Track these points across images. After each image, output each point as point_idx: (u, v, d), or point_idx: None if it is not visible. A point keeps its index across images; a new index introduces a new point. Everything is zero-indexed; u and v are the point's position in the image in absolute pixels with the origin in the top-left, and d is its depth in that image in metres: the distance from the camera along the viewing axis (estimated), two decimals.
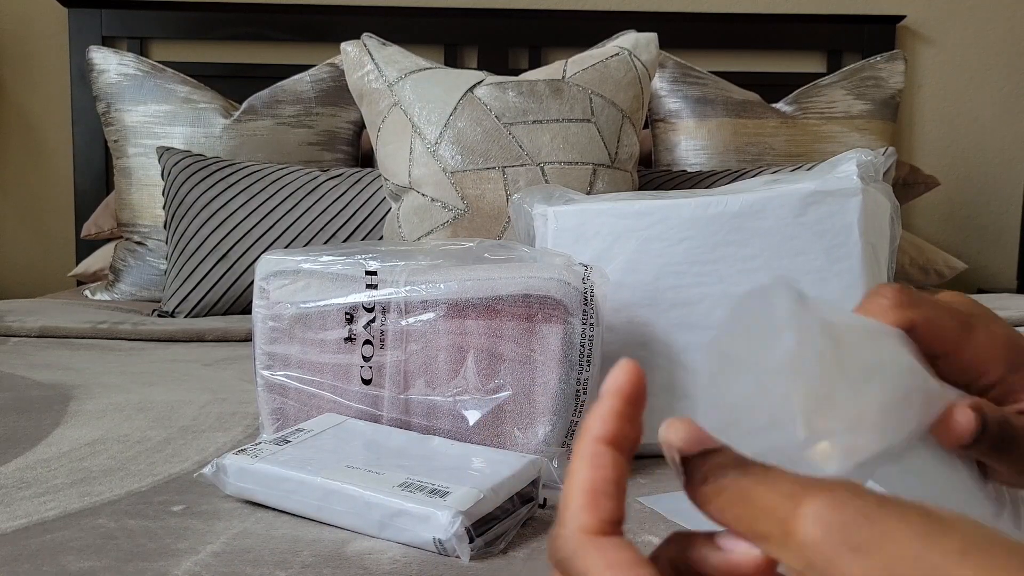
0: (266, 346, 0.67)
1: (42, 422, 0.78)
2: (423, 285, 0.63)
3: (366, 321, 0.64)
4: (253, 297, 0.68)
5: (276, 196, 1.46)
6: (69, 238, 2.02)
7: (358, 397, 0.65)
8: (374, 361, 0.64)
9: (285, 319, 0.66)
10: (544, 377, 0.62)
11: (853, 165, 0.68)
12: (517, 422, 0.62)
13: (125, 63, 1.72)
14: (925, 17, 2.13)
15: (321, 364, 0.66)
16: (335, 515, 0.54)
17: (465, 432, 0.63)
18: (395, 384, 0.64)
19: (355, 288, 0.65)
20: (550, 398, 0.61)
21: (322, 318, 0.65)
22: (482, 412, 0.62)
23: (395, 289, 0.64)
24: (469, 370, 0.63)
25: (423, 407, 0.64)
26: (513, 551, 0.51)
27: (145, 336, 1.22)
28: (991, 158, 2.19)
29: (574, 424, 0.63)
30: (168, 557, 0.49)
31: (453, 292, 0.63)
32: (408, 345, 0.64)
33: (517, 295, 0.62)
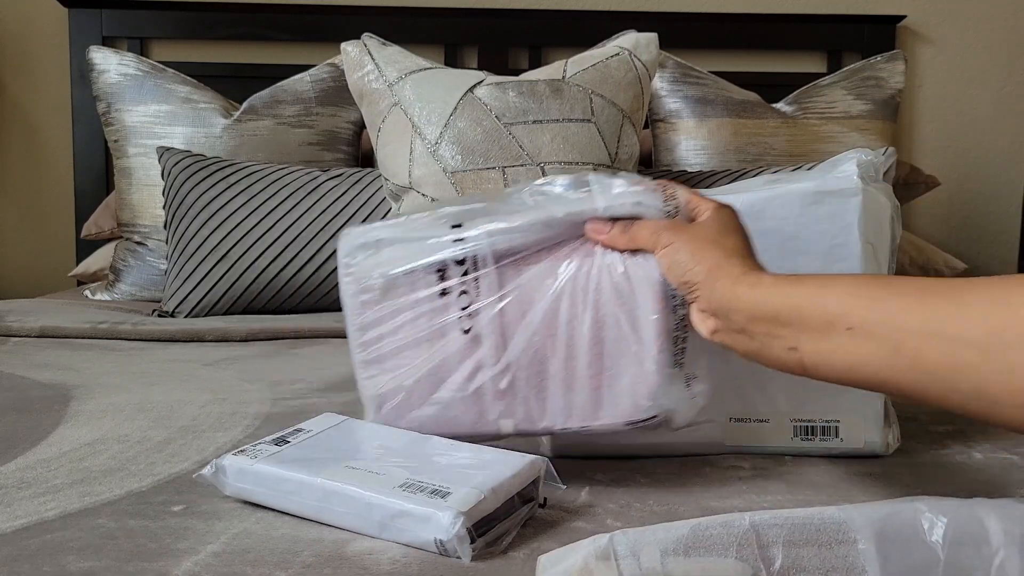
0: (358, 320, 0.65)
1: (42, 422, 0.78)
2: (510, 231, 0.62)
3: (459, 274, 0.62)
4: (339, 277, 0.67)
5: (276, 196, 1.46)
6: (69, 238, 2.01)
7: (459, 352, 0.63)
8: (472, 310, 0.62)
9: (375, 290, 0.65)
10: (647, 305, 0.59)
11: (853, 165, 0.68)
12: (623, 353, 0.60)
13: (125, 63, 1.72)
14: (925, 17, 2.13)
15: (418, 325, 0.64)
16: (335, 515, 0.54)
17: (571, 376, 0.61)
18: (496, 332, 0.62)
19: (442, 245, 0.63)
20: (655, 325, 0.59)
21: (412, 280, 0.64)
22: (588, 352, 0.60)
23: (482, 239, 0.62)
24: (566, 309, 0.61)
25: (527, 354, 0.61)
26: (514, 551, 0.51)
27: (145, 336, 1.22)
28: (991, 158, 2.19)
29: (681, 342, 0.60)
30: (168, 557, 0.49)
31: (540, 231, 0.61)
32: (505, 291, 0.62)
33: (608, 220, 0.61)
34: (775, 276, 0.53)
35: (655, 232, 0.58)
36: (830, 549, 0.40)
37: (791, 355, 0.50)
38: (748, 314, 0.52)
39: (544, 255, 0.62)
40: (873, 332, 0.45)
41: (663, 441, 0.68)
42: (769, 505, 0.59)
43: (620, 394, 0.60)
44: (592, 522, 0.56)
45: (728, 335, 0.54)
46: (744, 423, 0.68)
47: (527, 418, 0.62)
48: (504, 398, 0.62)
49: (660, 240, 0.57)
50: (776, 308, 0.51)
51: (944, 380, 0.42)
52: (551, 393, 0.61)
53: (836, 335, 0.47)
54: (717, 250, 0.55)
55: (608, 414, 0.60)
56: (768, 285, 0.52)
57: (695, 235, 0.57)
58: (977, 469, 0.67)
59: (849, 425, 0.68)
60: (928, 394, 0.43)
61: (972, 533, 0.39)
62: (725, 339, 0.55)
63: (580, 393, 0.61)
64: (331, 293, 1.44)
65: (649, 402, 0.59)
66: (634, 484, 0.63)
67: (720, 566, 0.40)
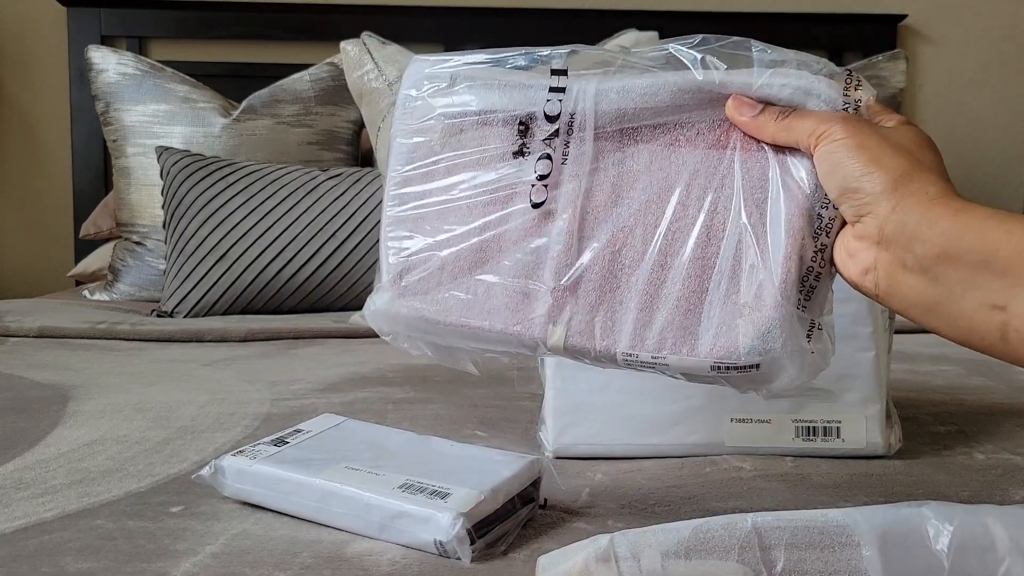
0: (404, 167, 0.52)
1: (40, 422, 0.78)
2: (626, 90, 0.49)
3: (548, 132, 0.49)
4: (396, 112, 0.53)
5: (276, 196, 1.45)
6: (68, 238, 2.01)
7: (521, 229, 0.49)
8: (552, 181, 0.49)
9: (435, 132, 0.51)
10: (783, 219, 0.46)
11: None
12: (737, 276, 0.47)
13: (124, 62, 1.71)
14: (926, 17, 2.13)
15: (476, 186, 0.50)
16: (334, 516, 0.53)
17: (658, 289, 0.47)
18: (575, 213, 0.49)
19: (534, 92, 0.50)
20: (787, 246, 0.46)
21: (483, 130, 0.51)
22: (690, 264, 0.47)
23: (587, 93, 0.49)
24: (675, 205, 0.48)
25: (608, 250, 0.48)
26: (514, 552, 0.51)
27: (144, 336, 1.22)
28: (992, 158, 2.19)
29: (813, 278, 0.46)
30: (167, 558, 0.49)
31: (666, 98, 0.48)
32: (599, 165, 0.49)
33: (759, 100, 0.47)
34: (988, 209, 0.39)
35: (821, 123, 0.43)
36: (833, 553, 0.40)
37: (992, 315, 0.38)
38: (942, 248, 0.39)
39: (660, 133, 0.49)
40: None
41: (664, 441, 0.68)
42: (770, 506, 0.59)
43: (718, 325, 0.46)
44: (592, 523, 0.56)
45: (895, 274, 0.41)
46: (745, 423, 0.68)
47: (585, 330, 0.48)
48: (563, 298, 0.48)
49: (827, 132, 0.43)
50: (993, 247, 0.37)
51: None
52: (626, 305, 0.48)
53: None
54: (908, 158, 0.42)
55: (695, 348, 0.46)
56: (984, 215, 0.38)
57: (881, 135, 0.43)
58: (979, 470, 0.66)
59: (851, 425, 0.68)
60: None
61: (978, 540, 0.39)
62: (886, 280, 0.42)
63: (664, 313, 0.47)
64: (331, 293, 1.44)
65: (755, 343, 0.45)
66: (634, 485, 0.63)
67: (721, 569, 0.40)
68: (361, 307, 1.48)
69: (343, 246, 1.43)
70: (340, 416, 0.66)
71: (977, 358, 1.05)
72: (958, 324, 0.40)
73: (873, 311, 0.67)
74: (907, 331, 1.23)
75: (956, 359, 1.07)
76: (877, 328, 0.68)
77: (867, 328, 0.67)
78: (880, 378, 0.68)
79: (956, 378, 0.97)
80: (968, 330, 0.40)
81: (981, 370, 1.00)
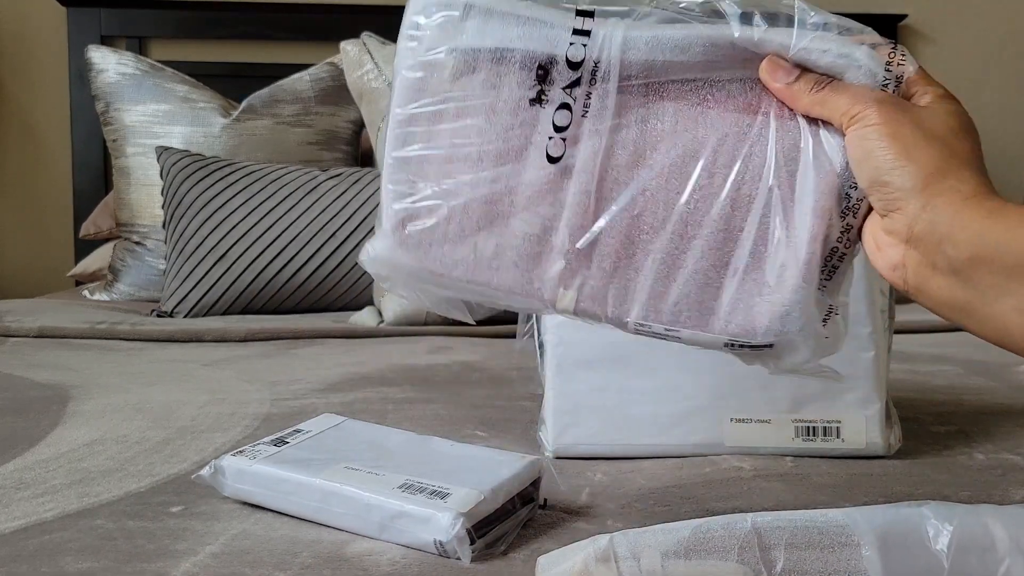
0: (409, 105, 0.47)
1: (40, 422, 0.78)
2: (656, 40, 0.45)
3: (569, 80, 0.46)
4: (399, 41, 0.48)
5: (276, 196, 1.45)
6: (68, 238, 2.01)
7: (536, 184, 0.46)
8: (571, 135, 0.46)
9: (445, 69, 0.46)
10: (811, 196, 0.44)
11: None
12: (759, 252, 0.45)
13: (124, 62, 1.71)
14: (926, 17, 2.13)
15: (488, 133, 0.46)
16: (334, 516, 0.53)
17: (676, 259, 0.46)
18: (593, 171, 0.46)
19: (556, 33, 0.46)
20: (814, 225, 0.44)
21: (499, 71, 0.46)
22: (712, 235, 0.45)
23: (614, 39, 0.45)
24: (701, 172, 0.46)
25: (627, 214, 0.46)
26: (514, 552, 0.51)
27: (144, 336, 1.22)
28: (992, 158, 2.18)
29: (836, 259, 0.45)
30: (167, 558, 0.49)
31: (698, 53, 0.45)
32: (622, 121, 0.46)
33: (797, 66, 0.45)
34: (1023, 209, 0.38)
35: (857, 101, 0.42)
36: (833, 553, 0.40)
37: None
38: (976, 251, 0.38)
39: (689, 91, 0.46)
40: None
41: (664, 441, 0.68)
42: (770, 506, 0.59)
43: (735, 302, 0.45)
44: (592, 523, 0.56)
45: (925, 275, 0.40)
46: (745, 423, 0.68)
47: (597, 295, 0.46)
48: (577, 261, 0.46)
49: (863, 115, 0.41)
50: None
51: None
52: (643, 273, 0.46)
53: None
54: (942, 152, 0.40)
55: (709, 323, 0.45)
56: (1016, 219, 0.38)
57: (916, 122, 0.41)
58: (979, 470, 0.66)
59: (850, 425, 0.68)
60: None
61: (978, 540, 0.39)
62: (916, 280, 0.41)
63: (681, 285, 0.46)
64: (330, 293, 1.44)
65: (771, 323, 0.44)
66: (634, 485, 0.63)
67: (721, 569, 0.40)
68: (361, 307, 1.49)
69: (343, 246, 1.43)
70: (340, 416, 0.66)
71: (977, 358, 1.05)
72: (991, 326, 0.39)
73: (873, 311, 0.67)
74: (907, 331, 1.23)
75: (956, 359, 1.07)
76: (877, 328, 0.68)
77: (867, 328, 0.67)
78: (880, 378, 0.68)
79: (956, 378, 0.97)
80: (1002, 331, 0.39)
81: (981, 370, 1.00)
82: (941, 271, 0.40)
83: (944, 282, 0.40)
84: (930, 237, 0.40)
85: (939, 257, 0.40)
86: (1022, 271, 0.37)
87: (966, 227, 0.39)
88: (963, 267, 0.39)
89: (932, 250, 0.40)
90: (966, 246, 0.39)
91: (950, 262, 0.39)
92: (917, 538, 0.39)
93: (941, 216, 0.39)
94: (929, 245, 0.40)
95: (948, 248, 0.39)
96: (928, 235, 0.40)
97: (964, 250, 0.39)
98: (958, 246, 0.39)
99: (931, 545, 0.39)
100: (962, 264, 0.39)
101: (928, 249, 0.40)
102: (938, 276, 0.40)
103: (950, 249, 0.39)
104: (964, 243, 0.39)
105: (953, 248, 0.39)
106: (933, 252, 0.40)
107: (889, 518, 0.41)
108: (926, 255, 0.40)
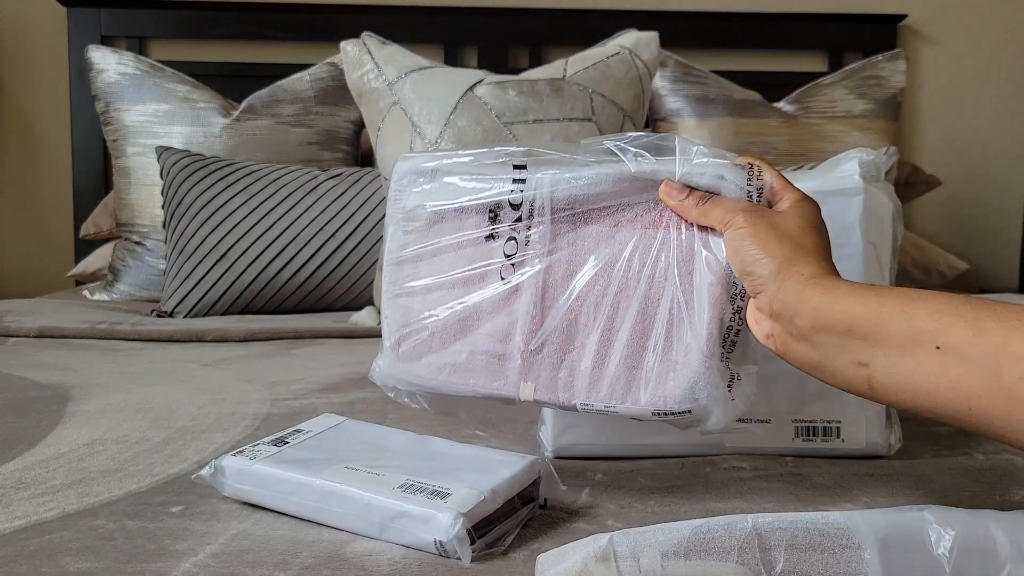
0: (397, 251, 0.62)
1: (40, 422, 0.78)
2: (575, 180, 0.58)
3: (512, 218, 0.59)
4: (387, 203, 0.64)
5: (276, 196, 1.45)
6: (68, 238, 2.01)
7: (494, 302, 0.59)
8: (517, 260, 0.59)
9: (421, 220, 0.61)
10: (705, 289, 0.54)
11: (855, 164, 0.68)
12: (669, 337, 0.55)
13: (124, 62, 1.71)
14: (926, 16, 2.13)
15: (457, 266, 0.60)
16: (334, 516, 0.53)
17: (607, 351, 0.56)
18: (537, 287, 0.58)
19: (500, 184, 0.59)
20: (709, 312, 0.54)
21: (461, 218, 0.60)
22: (631, 329, 0.56)
23: (543, 184, 0.58)
24: (619, 279, 0.57)
25: (566, 318, 0.57)
26: (514, 552, 0.51)
27: (144, 336, 1.22)
28: (993, 158, 2.19)
29: (733, 335, 0.55)
30: (167, 558, 0.49)
31: (607, 186, 0.57)
32: (556, 246, 0.58)
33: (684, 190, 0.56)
34: (852, 283, 0.48)
35: (729, 212, 0.53)
36: (833, 555, 0.40)
37: (859, 371, 0.46)
38: (815, 321, 0.47)
39: (605, 216, 0.58)
40: (967, 353, 0.41)
41: (664, 441, 0.68)
42: (770, 506, 0.59)
43: (656, 380, 0.55)
44: (592, 523, 0.56)
45: (786, 341, 0.50)
46: (745, 423, 0.68)
47: (550, 386, 0.57)
48: (531, 359, 0.58)
49: (732, 222, 0.52)
50: (851, 317, 0.46)
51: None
52: (582, 364, 0.57)
53: (921, 353, 0.43)
54: (790, 245, 0.51)
55: (637, 399, 0.55)
56: (844, 292, 0.47)
57: (771, 224, 0.52)
58: (979, 470, 0.66)
59: (850, 426, 0.68)
60: (1022, 427, 0.39)
61: (979, 545, 0.39)
62: (781, 346, 0.51)
63: (613, 370, 0.56)
64: (330, 293, 1.44)
65: (686, 394, 0.54)
66: (635, 485, 0.63)
67: (720, 569, 0.40)
68: (361, 307, 1.49)
69: (343, 246, 1.43)
70: (340, 416, 0.66)
71: None
72: (836, 378, 0.48)
73: None
74: None
75: None
76: None
77: None
78: None
79: None
80: (845, 382, 0.48)
81: None
82: (796, 338, 0.49)
83: (800, 347, 0.49)
84: (784, 312, 0.49)
85: (792, 327, 0.49)
86: (850, 333, 0.46)
87: (807, 302, 0.48)
88: (809, 334, 0.48)
89: (787, 322, 0.50)
90: (809, 317, 0.48)
91: (800, 331, 0.49)
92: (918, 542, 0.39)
93: (789, 295, 0.49)
94: (784, 318, 0.50)
95: (797, 320, 0.49)
96: (783, 310, 0.50)
97: (808, 320, 0.48)
98: (804, 318, 0.48)
99: (932, 549, 0.39)
100: (808, 331, 0.48)
101: (784, 322, 0.50)
102: (795, 342, 0.49)
103: (799, 320, 0.48)
104: (807, 315, 0.48)
105: (801, 319, 0.48)
106: (788, 324, 0.50)
107: (890, 521, 0.41)
108: (784, 326, 0.50)
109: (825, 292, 0.48)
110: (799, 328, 0.49)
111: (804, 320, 0.48)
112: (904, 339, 0.44)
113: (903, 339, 0.44)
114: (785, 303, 0.49)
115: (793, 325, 0.49)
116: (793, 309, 0.49)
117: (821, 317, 0.47)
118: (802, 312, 0.48)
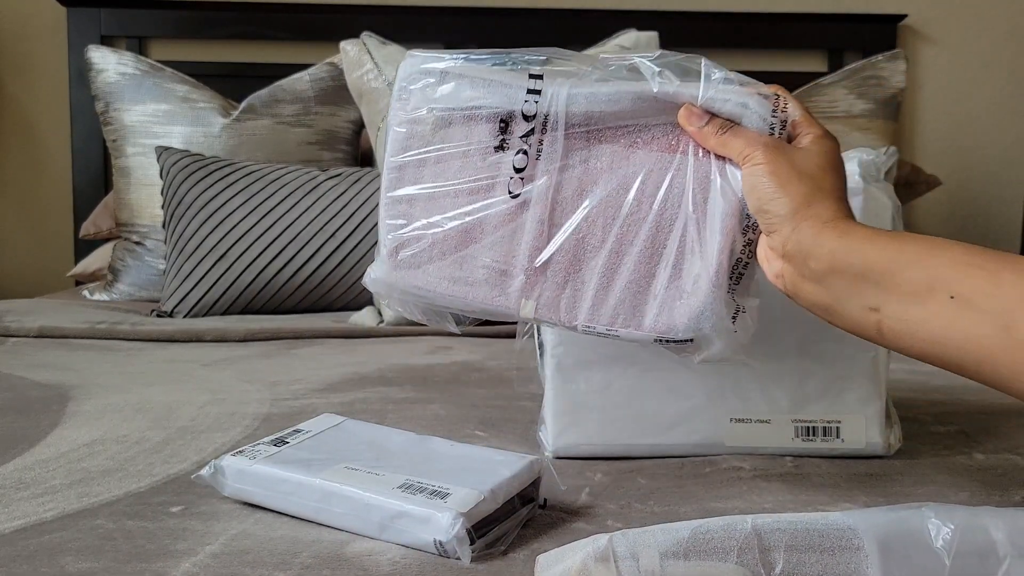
0: (398, 156, 0.59)
1: (40, 423, 0.78)
2: (593, 96, 0.56)
3: (524, 130, 0.57)
4: (391, 104, 0.60)
5: (275, 196, 1.45)
6: (67, 238, 2.01)
7: (500, 215, 0.57)
8: (527, 174, 0.56)
9: (426, 124, 0.58)
10: (718, 218, 0.54)
11: (855, 164, 0.68)
12: (678, 264, 0.55)
13: (124, 62, 1.71)
14: (926, 16, 2.13)
15: (463, 175, 0.57)
16: (334, 516, 0.53)
17: (614, 273, 0.55)
18: (546, 203, 0.56)
19: (514, 92, 0.57)
20: (721, 242, 0.53)
21: (469, 125, 0.57)
22: (641, 253, 0.55)
23: (560, 97, 0.56)
24: (632, 201, 0.55)
25: (574, 237, 0.56)
26: (514, 552, 0.51)
27: (144, 336, 1.22)
28: (993, 158, 2.19)
29: (741, 268, 0.54)
30: (166, 558, 0.49)
31: (626, 104, 0.55)
32: (568, 162, 0.56)
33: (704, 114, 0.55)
34: (869, 227, 0.48)
35: (749, 145, 0.52)
36: (833, 555, 0.40)
37: (869, 316, 0.46)
38: (830, 264, 0.48)
39: (621, 135, 0.57)
40: (982, 305, 0.41)
41: (664, 441, 0.68)
42: (770, 506, 0.59)
43: (661, 306, 0.55)
44: (592, 523, 0.56)
45: (797, 282, 0.50)
46: (745, 423, 0.68)
47: (551, 304, 0.57)
48: (535, 276, 0.57)
49: (752, 156, 0.52)
50: (868, 262, 0.46)
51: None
52: (587, 285, 0.56)
53: (934, 302, 0.43)
54: (810, 185, 0.50)
55: (641, 323, 0.55)
56: (861, 236, 0.47)
57: (790, 162, 0.51)
58: (979, 470, 0.66)
59: (850, 425, 0.68)
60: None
61: (978, 543, 0.39)
62: (791, 286, 0.51)
63: (618, 294, 0.56)
64: (330, 293, 1.44)
65: (691, 323, 0.54)
66: (634, 485, 0.63)
67: (720, 570, 0.40)
68: (361, 307, 1.49)
69: (343, 246, 1.43)
70: (340, 416, 0.66)
71: None
72: (846, 322, 0.49)
73: None
74: None
75: None
76: None
77: None
78: (879, 378, 0.68)
79: (956, 378, 0.97)
80: (854, 326, 0.48)
81: None
82: (808, 279, 0.49)
83: (811, 288, 0.49)
84: (798, 254, 0.49)
85: (805, 269, 0.49)
86: (864, 278, 0.46)
87: (823, 245, 0.48)
88: (823, 276, 0.48)
89: (800, 263, 0.50)
90: (824, 260, 0.48)
91: (813, 273, 0.49)
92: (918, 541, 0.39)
93: (805, 237, 0.49)
94: (797, 260, 0.50)
95: (811, 262, 0.49)
96: (796, 252, 0.49)
97: (823, 264, 0.48)
98: (819, 260, 0.48)
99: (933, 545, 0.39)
100: (822, 274, 0.48)
101: (797, 263, 0.50)
102: (807, 283, 0.50)
103: (812, 263, 0.49)
104: (823, 258, 0.48)
105: (815, 262, 0.48)
106: (801, 265, 0.49)
107: (891, 521, 0.41)
108: (796, 267, 0.50)
109: (842, 236, 0.48)
110: (812, 270, 0.49)
111: (819, 263, 0.48)
112: (919, 286, 0.44)
113: (918, 286, 0.44)
114: (800, 245, 0.49)
115: (806, 267, 0.49)
116: (808, 251, 0.49)
117: (837, 261, 0.47)
118: (817, 255, 0.48)
